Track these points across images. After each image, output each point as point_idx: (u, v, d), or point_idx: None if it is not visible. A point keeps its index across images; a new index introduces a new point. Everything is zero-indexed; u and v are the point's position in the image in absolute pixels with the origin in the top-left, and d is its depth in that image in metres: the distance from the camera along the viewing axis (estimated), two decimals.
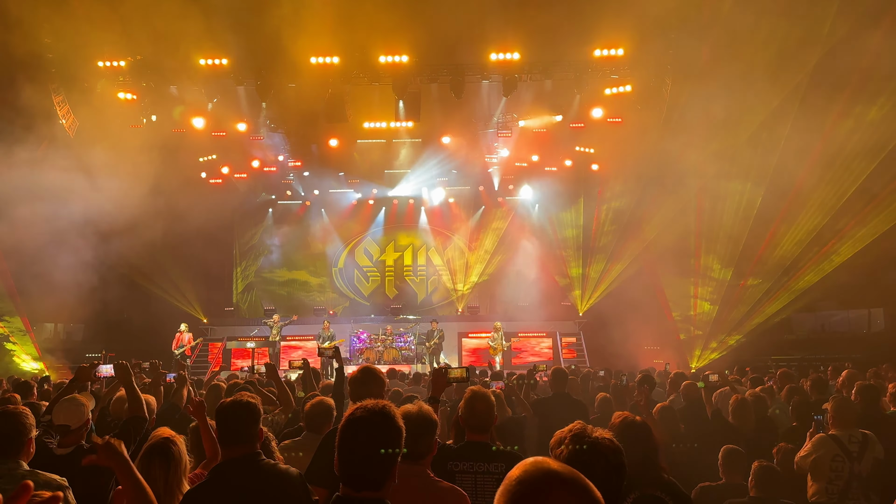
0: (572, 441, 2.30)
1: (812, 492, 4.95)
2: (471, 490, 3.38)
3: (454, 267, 23.28)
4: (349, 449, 2.32)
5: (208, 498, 2.97)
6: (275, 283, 23.45)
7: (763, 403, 6.31)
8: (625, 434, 3.25)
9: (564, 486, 1.38)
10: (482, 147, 19.66)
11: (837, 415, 5.03)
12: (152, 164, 15.13)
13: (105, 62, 15.22)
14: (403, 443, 2.40)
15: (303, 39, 14.06)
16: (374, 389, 3.76)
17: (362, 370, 3.96)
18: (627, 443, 3.12)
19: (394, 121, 17.25)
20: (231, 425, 3.11)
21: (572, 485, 1.38)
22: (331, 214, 23.30)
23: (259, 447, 3.16)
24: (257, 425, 3.16)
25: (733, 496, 4.34)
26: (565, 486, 1.37)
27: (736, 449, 4.70)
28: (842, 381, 7.22)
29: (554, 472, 1.39)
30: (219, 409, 3.16)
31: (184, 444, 3.43)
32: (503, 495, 1.39)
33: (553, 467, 1.41)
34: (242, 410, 3.13)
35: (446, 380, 4.36)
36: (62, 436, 4.04)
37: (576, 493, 1.37)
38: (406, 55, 14.94)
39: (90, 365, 5.03)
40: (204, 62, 15.10)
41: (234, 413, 3.12)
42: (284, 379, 8.47)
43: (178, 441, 3.38)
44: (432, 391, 4.28)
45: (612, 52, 15.04)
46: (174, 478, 3.26)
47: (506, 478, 1.43)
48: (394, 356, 18.73)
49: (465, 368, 4.69)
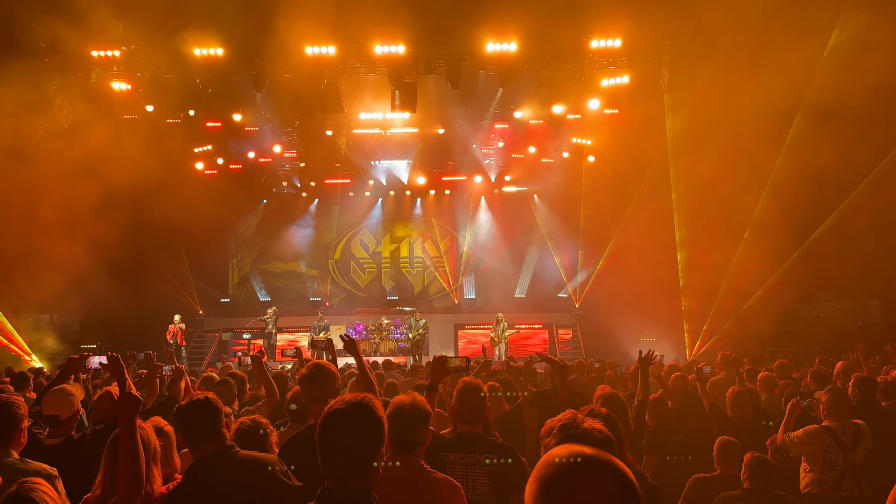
0: (561, 431, 2.28)
1: (805, 482, 4.97)
2: (462, 481, 3.36)
3: (451, 258, 23.27)
4: (329, 441, 2.31)
5: (186, 500, 2.94)
6: (271, 275, 23.41)
7: (756, 394, 6.33)
8: None
9: (598, 469, 1.35)
10: (479, 138, 19.61)
11: (832, 406, 5.05)
12: (147, 155, 15.05)
13: (99, 52, 15.11)
14: (385, 433, 2.39)
15: (298, 29, 13.96)
16: (325, 386, 3.62)
17: (310, 367, 3.74)
18: None
19: (390, 111, 17.18)
20: (193, 425, 3.08)
21: (605, 468, 1.36)
22: (326, 205, 23.23)
23: (237, 438, 3.13)
24: (220, 420, 3.12)
25: (727, 488, 4.34)
26: (599, 470, 1.35)
27: (730, 440, 4.69)
28: (837, 371, 7.21)
29: (587, 455, 1.37)
30: (177, 412, 3.13)
31: (153, 430, 3.38)
32: (535, 481, 1.37)
33: (586, 451, 1.39)
34: (200, 408, 3.09)
35: (446, 369, 4.34)
36: (51, 426, 4.02)
37: (608, 476, 1.35)
38: (402, 45, 14.86)
39: (80, 356, 5.00)
40: (199, 52, 15.00)
41: (192, 413, 3.09)
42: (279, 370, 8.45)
43: (145, 426, 3.33)
44: (431, 380, 4.24)
45: (609, 43, 14.98)
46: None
47: (538, 464, 1.41)
48: (390, 348, 18.75)
49: (465, 358, 4.66)
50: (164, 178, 16.14)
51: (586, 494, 1.32)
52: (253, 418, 3.73)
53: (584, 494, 1.32)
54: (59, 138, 14.79)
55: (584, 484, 1.33)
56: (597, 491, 1.32)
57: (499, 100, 17.53)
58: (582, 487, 1.32)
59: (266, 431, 3.68)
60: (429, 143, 19.74)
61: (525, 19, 14.12)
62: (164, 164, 16.28)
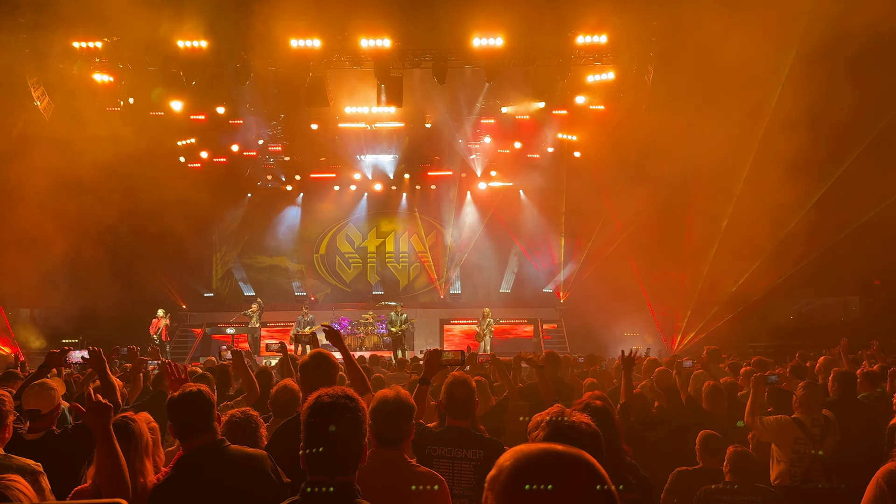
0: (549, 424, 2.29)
1: (775, 474, 5.05)
2: (448, 475, 3.37)
3: (436, 253, 23.27)
4: (317, 435, 2.30)
5: (176, 492, 2.93)
6: (255, 269, 23.29)
7: (734, 388, 6.42)
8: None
9: (566, 462, 1.30)
10: (465, 133, 19.60)
11: (805, 400, 5.12)
12: (130, 148, 14.90)
13: (81, 43, 14.90)
14: (367, 426, 2.42)
15: (283, 22, 13.86)
16: (327, 376, 3.59)
17: (314, 355, 3.71)
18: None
19: (375, 105, 17.11)
20: (184, 417, 3.06)
21: (576, 463, 1.31)
22: (312, 200, 23.12)
23: (227, 432, 3.12)
24: (212, 412, 3.11)
25: (710, 481, 4.38)
26: (567, 462, 1.30)
27: (713, 434, 4.74)
28: (818, 366, 7.32)
29: (553, 451, 1.31)
30: (169, 404, 3.11)
31: (145, 424, 3.37)
32: (501, 469, 1.30)
33: (557, 447, 1.33)
34: (192, 401, 3.08)
35: (440, 362, 4.32)
36: (32, 421, 3.98)
37: (579, 471, 1.29)
38: (388, 38, 14.79)
39: (61, 350, 4.95)
40: (183, 44, 14.84)
41: (184, 405, 3.07)
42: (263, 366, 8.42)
43: (137, 419, 3.33)
44: (424, 373, 4.20)
45: (596, 39, 15.01)
46: (135, 454, 3.22)
47: (505, 454, 1.34)
48: (375, 342, 18.74)
49: (460, 352, 4.65)
50: (147, 171, 15.99)
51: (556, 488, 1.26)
52: (244, 410, 3.74)
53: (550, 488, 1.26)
54: (40, 131, 14.62)
55: (550, 477, 1.27)
56: (566, 486, 1.27)
57: (485, 95, 17.52)
58: (551, 481, 1.27)
59: (256, 424, 3.69)
60: (415, 137, 19.70)
61: (511, 14, 14.11)
62: (147, 158, 16.12)
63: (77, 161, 13.86)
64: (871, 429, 5.50)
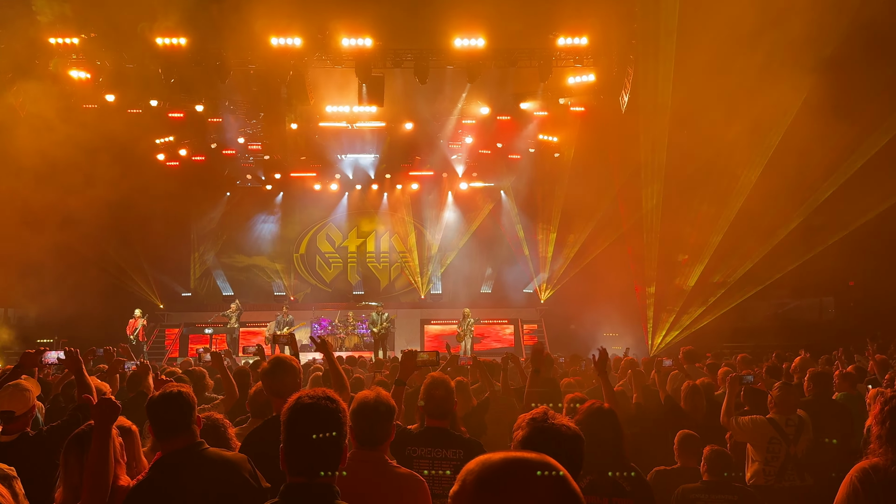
0: (529, 425, 2.29)
1: (750, 473, 5.11)
2: (428, 476, 3.36)
3: (417, 254, 23.22)
4: (297, 436, 2.29)
5: (153, 494, 2.90)
6: (234, 269, 23.08)
7: (711, 388, 6.48)
8: (591, 420, 3.33)
9: (530, 470, 1.28)
10: (446, 133, 19.60)
11: (780, 400, 5.18)
12: (107, 146, 14.70)
13: (57, 39, 14.69)
14: (347, 427, 2.42)
15: (264, 20, 13.78)
16: (287, 380, 3.65)
17: (272, 361, 3.76)
18: (595, 429, 3.18)
19: (356, 105, 17.04)
20: (165, 418, 3.03)
21: (541, 468, 1.29)
22: (292, 199, 22.94)
23: (200, 436, 3.09)
24: (192, 414, 3.09)
25: (687, 480, 4.41)
26: (531, 470, 1.28)
27: (691, 434, 4.78)
28: (794, 366, 7.41)
29: (516, 459, 1.30)
30: (149, 404, 3.08)
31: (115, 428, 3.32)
32: (458, 498, 1.29)
33: (518, 455, 1.31)
34: (174, 401, 3.05)
35: (415, 363, 4.32)
36: (6, 423, 3.91)
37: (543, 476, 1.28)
38: (369, 38, 14.75)
39: (36, 351, 4.87)
40: (161, 41, 14.68)
41: (165, 405, 3.04)
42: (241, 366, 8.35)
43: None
44: (399, 374, 4.22)
45: (576, 41, 15.11)
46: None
47: (473, 460, 1.33)
48: (355, 343, 18.67)
49: (435, 352, 4.65)
50: (125, 169, 15.79)
51: (518, 495, 1.25)
52: (208, 415, 3.71)
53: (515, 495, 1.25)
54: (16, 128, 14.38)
55: (512, 488, 1.26)
56: (529, 496, 1.25)
57: (466, 95, 17.54)
58: (514, 488, 1.26)
59: (224, 426, 3.70)
60: (396, 137, 19.65)
61: (493, 15, 14.17)
62: (125, 155, 15.92)
63: (52, 158, 13.65)
64: (845, 428, 5.59)
